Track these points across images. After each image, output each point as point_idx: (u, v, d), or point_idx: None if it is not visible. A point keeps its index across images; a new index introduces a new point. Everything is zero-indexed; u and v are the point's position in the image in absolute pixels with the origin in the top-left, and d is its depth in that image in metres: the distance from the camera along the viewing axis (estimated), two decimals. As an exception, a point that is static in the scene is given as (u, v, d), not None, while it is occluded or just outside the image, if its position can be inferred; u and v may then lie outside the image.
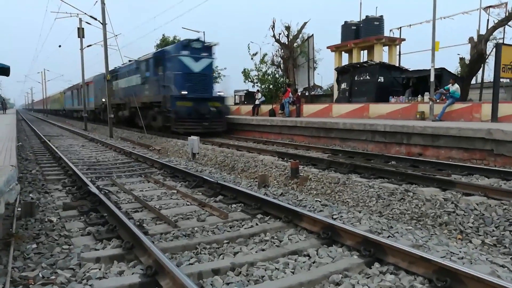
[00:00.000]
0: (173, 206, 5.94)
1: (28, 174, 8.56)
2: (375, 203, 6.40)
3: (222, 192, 6.50)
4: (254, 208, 5.46)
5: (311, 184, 7.80)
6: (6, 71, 15.12)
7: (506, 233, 4.87)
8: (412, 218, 5.70)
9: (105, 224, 4.86)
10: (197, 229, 4.73)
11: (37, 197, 6.37)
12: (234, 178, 8.67)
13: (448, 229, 5.25)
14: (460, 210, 5.53)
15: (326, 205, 6.06)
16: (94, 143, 16.48)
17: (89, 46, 26.02)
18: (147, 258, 3.66)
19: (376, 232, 4.68)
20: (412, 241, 4.43)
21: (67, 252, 3.98)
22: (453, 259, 3.91)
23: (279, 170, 8.98)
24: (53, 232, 4.61)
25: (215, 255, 3.98)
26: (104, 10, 19.34)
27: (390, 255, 3.68)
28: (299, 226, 4.75)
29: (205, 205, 5.82)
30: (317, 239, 4.35)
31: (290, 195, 6.77)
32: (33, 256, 3.89)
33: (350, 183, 7.33)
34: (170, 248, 4.08)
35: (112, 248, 4.11)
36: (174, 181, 7.92)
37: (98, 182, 7.82)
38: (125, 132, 21.92)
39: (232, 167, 10.46)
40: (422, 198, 6.10)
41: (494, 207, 5.49)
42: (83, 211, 5.48)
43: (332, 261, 3.80)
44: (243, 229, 4.81)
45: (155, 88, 18.79)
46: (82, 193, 6.36)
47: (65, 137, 19.50)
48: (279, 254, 3.94)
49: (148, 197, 6.50)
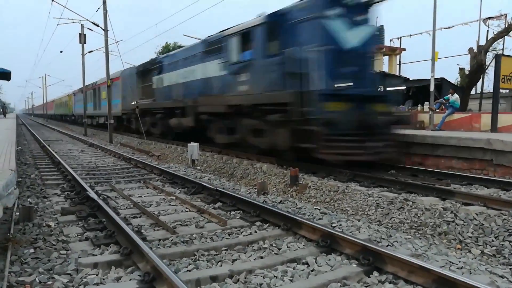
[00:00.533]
0: (171, 212, 5.93)
1: (27, 178, 8.54)
2: (374, 211, 6.39)
3: (221, 199, 6.49)
4: (253, 215, 5.45)
5: (310, 192, 7.78)
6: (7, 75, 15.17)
7: (505, 243, 4.85)
8: (411, 227, 5.68)
9: (103, 230, 4.84)
10: (196, 235, 4.72)
11: (36, 202, 6.35)
12: (233, 185, 8.65)
13: (448, 239, 5.23)
14: (459, 220, 5.52)
15: (325, 213, 6.05)
16: (93, 148, 16.48)
17: (91, 52, 26.15)
18: (145, 264, 3.64)
19: (375, 241, 4.67)
20: (411, 250, 4.42)
21: (64, 257, 3.96)
22: (453, 269, 3.89)
23: (278, 177, 8.97)
24: (51, 237, 4.59)
25: (213, 262, 3.96)
26: (106, 16, 19.47)
27: (389, 264, 3.66)
28: (298, 234, 4.74)
29: (204, 212, 5.81)
30: (316, 247, 4.33)
31: (289, 202, 6.75)
32: (30, 261, 3.87)
33: (350, 191, 7.32)
34: (168, 255, 4.06)
35: (110, 253, 4.09)
36: (173, 187, 7.90)
37: (97, 187, 7.81)
38: (125, 137, 21.92)
39: (231, 173, 10.45)
40: (422, 207, 6.09)
41: (493, 217, 5.48)
42: (81, 216, 5.46)
43: (330, 269, 3.78)
44: (241, 236, 4.80)
45: (269, 78, 10.20)
46: (81, 198, 6.34)
47: (65, 142, 19.50)
48: (278, 262, 3.93)
49: (147, 203, 6.49)
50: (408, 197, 6.62)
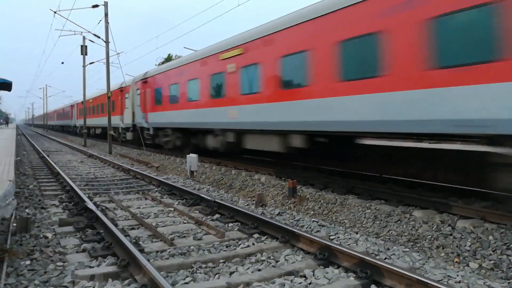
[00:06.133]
0: (170, 224, 5.92)
1: (26, 189, 8.54)
2: (372, 224, 6.38)
3: (219, 211, 6.49)
4: (251, 228, 5.45)
5: (308, 204, 7.78)
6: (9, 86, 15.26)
7: (503, 257, 4.84)
8: (409, 240, 5.67)
9: (101, 241, 4.83)
10: (193, 247, 4.71)
11: (33, 213, 6.34)
12: (231, 197, 8.65)
13: (445, 252, 5.22)
14: (457, 233, 5.52)
15: (323, 225, 6.05)
16: (93, 159, 16.48)
17: (92, 63, 26.41)
18: (142, 277, 3.63)
19: (373, 254, 4.66)
20: (409, 264, 4.41)
21: (61, 269, 3.95)
22: (451, 283, 3.88)
23: (276, 189, 8.97)
24: (47, 248, 4.58)
25: (211, 274, 3.95)
26: (107, 28, 19.68)
27: (387, 278, 3.66)
28: (296, 246, 4.73)
29: (202, 224, 5.80)
30: (313, 259, 4.33)
31: (287, 214, 6.75)
32: (26, 272, 3.86)
33: (347, 203, 7.33)
34: (166, 267, 4.05)
35: (107, 265, 4.08)
36: (171, 198, 7.90)
37: (96, 198, 7.80)
38: (124, 148, 21.93)
39: (229, 185, 10.45)
40: (419, 220, 6.08)
41: (491, 230, 5.48)
42: (79, 227, 5.45)
43: (328, 282, 3.77)
44: (239, 248, 4.79)
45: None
46: (79, 209, 6.33)
47: (64, 153, 19.50)
48: (275, 275, 3.92)
49: (145, 214, 6.48)
50: (405, 210, 6.62)
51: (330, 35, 8.00)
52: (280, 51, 9.43)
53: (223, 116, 11.94)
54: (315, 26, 8.42)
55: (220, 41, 12.73)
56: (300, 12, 9.12)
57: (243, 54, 10.90)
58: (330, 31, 8.00)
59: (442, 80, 5.98)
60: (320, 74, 8.31)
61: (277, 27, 9.64)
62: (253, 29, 11.02)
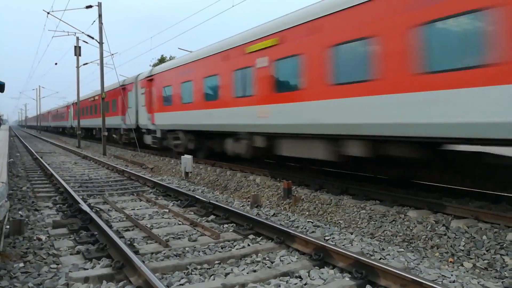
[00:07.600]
0: (164, 225, 5.90)
1: (19, 191, 8.46)
2: (367, 224, 6.40)
3: (214, 212, 6.47)
4: (246, 229, 5.44)
5: (303, 204, 7.79)
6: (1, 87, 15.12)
7: (497, 256, 4.88)
8: (404, 240, 5.70)
9: (95, 243, 4.80)
10: (188, 249, 4.70)
11: (27, 215, 6.29)
12: (226, 198, 8.64)
13: (440, 252, 5.25)
14: (451, 233, 5.55)
15: (318, 226, 6.06)
16: (87, 160, 16.38)
17: (86, 64, 26.25)
18: (137, 278, 3.61)
19: (368, 254, 4.68)
20: (404, 264, 4.43)
21: (55, 272, 3.92)
22: (445, 283, 3.90)
23: (271, 190, 8.97)
24: (41, 250, 4.55)
25: (206, 275, 3.94)
26: (101, 29, 19.57)
27: (382, 278, 3.67)
28: (291, 247, 4.74)
29: (197, 225, 5.79)
30: (309, 260, 4.33)
31: (283, 215, 6.75)
32: (19, 275, 3.82)
33: (342, 204, 7.34)
34: (161, 268, 4.04)
35: (101, 267, 4.05)
36: (166, 200, 7.87)
37: (90, 200, 7.75)
38: (119, 150, 21.82)
39: (224, 186, 10.43)
40: (414, 220, 6.11)
41: (485, 230, 5.52)
42: (73, 229, 5.42)
43: (323, 283, 3.78)
44: (234, 249, 4.78)
45: None
46: (73, 211, 6.29)
47: (58, 154, 19.36)
48: (271, 276, 3.92)
49: (140, 215, 6.45)
50: (400, 210, 6.64)
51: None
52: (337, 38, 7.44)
53: (251, 117, 10.11)
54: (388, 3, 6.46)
55: (244, 31, 10.92)
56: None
57: (278, 46, 9.09)
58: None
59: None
60: (397, 63, 6.31)
61: (329, 8, 7.70)
62: (289, 14, 9.08)
